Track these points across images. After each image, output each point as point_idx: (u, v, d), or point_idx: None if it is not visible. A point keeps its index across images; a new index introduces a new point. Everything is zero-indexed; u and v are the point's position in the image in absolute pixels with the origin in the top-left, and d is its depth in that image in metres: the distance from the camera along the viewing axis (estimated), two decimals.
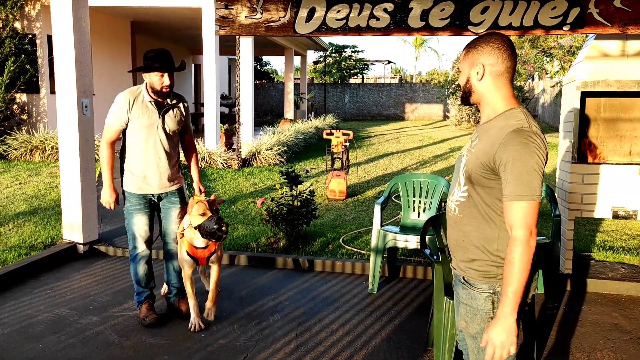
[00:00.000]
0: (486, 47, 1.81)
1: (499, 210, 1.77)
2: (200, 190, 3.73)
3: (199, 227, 3.32)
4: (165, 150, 3.52)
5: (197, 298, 3.56)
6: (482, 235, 1.80)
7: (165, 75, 3.38)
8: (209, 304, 3.58)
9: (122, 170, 3.60)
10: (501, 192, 1.74)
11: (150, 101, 3.46)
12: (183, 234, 3.47)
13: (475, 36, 4.03)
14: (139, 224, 3.57)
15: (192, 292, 3.53)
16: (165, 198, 3.64)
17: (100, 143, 3.53)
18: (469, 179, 1.81)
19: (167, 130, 3.52)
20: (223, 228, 3.26)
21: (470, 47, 1.86)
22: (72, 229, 5.06)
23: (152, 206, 3.63)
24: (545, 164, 1.71)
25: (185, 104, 3.68)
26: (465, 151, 1.89)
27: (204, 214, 3.31)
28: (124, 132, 3.54)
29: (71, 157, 4.95)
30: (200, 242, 3.41)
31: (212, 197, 3.45)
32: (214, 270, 3.58)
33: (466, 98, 1.91)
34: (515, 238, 1.67)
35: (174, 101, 3.58)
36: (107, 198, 3.55)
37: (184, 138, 3.78)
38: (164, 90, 3.42)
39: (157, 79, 3.39)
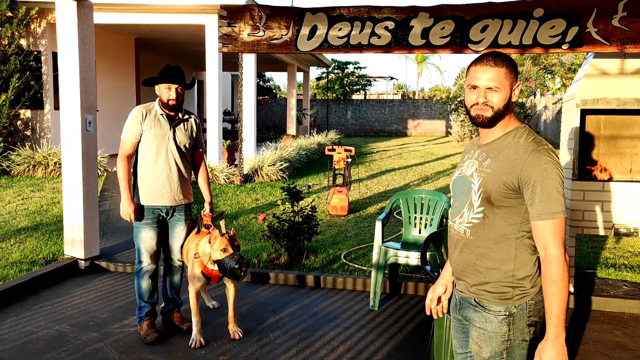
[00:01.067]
0: (515, 68, 1.80)
1: (518, 229, 1.75)
2: (210, 210, 3.74)
3: (218, 262, 3.32)
4: (176, 162, 3.60)
5: (200, 314, 3.56)
6: (498, 256, 1.77)
7: (173, 88, 3.50)
8: (231, 326, 3.61)
9: (134, 185, 3.65)
10: (521, 211, 1.73)
11: (161, 114, 3.58)
12: (198, 255, 3.47)
13: (474, 54, 4.07)
14: (146, 239, 3.60)
15: (197, 309, 3.53)
16: (174, 212, 3.67)
17: (118, 157, 3.59)
18: (488, 199, 1.76)
19: (178, 143, 3.61)
20: (243, 268, 3.26)
21: (510, 63, 1.77)
22: (74, 245, 5.07)
23: (161, 222, 3.66)
24: None
25: (197, 120, 3.77)
26: (474, 171, 1.83)
27: (225, 250, 3.30)
28: (136, 147, 3.62)
29: (74, 172, 4.98)
30: (214, 265, 3.42)
31: (232, 232, 3.43)
32: (231, 290, 3.60)
33: (499, 116, 1.79)
34: (553, 256, 1.67)
35: (185, 116, 3.68)
36: (126, 209, 3.54)
37: (194, 155, 3.82)
38: (170, 102, 3.52)
39: (165, 92, 3.52)
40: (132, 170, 3.63)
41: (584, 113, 4.24)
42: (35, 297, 4.30)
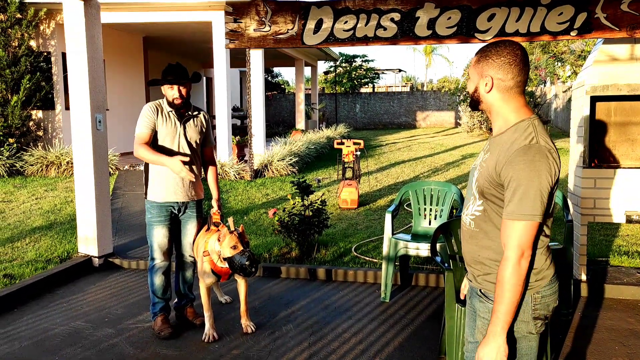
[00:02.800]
0: (497, 60, 1.75)
1: None
2: (219, 207, 3.74)
3: (228, 260, 3.33)
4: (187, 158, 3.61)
5: (212, 309, 3.59)
6: (499, 249, 1.77)
7: (175, 87, 3.51)
8: (243, 320, 3.65)
9: (146, 182, 3.68)
10: None
11: (170, 111, 3.60)
12: (207, 253, 3.49)
13: (482, 44, 4.04)
14: (158, 236, 3.63)
15: (209, 303, 3.56)
16: (186, 209, 3.70)
17: (134, 148, 3.51)
18: (482, 193, 1.79)
19: (189, 139, 3.63)
20: (254, 265, 3.28)
21: (481, 55, 1.80)
22: (88, 243, 5.13)
23: (173, 218, 3.69)
24: (557, 178, 1.68)
25: (206, 117, 3.79)
26: (478, 164, 1.86)
27: (235, 247, 3.30)
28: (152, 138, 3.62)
29: (86, 171, 5.04)
30: (223, 263, 3.44)
31: (240, 229, 3.43)
32: (242, 285, 3.63)
33: (474, 105, 1.88)
34: (507, 258, 1.66)
35: (195, 112, 3.70)
36: (178, 165, 3.37)
37: (204, 151, 3.84)
38: (175, 102, 3.54)
39: (169, 92, 3.54)
40: (143, 169, 3.69)
41: (594, 100, 4.20)
42: (51, 295, 4.37)
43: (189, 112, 3.67)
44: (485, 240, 1.81)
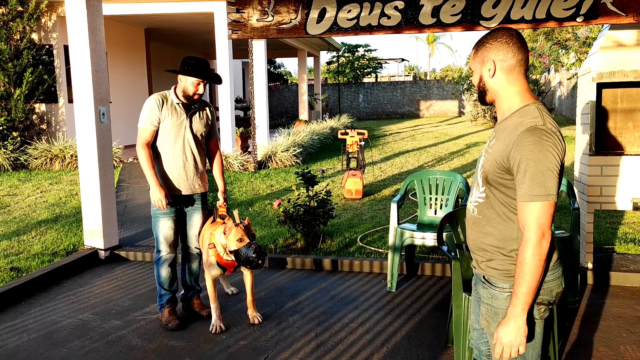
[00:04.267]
0: (494, 42, 1.79)
1: (515, 210, 1.76)
2: (224, 199, 3.73)
3: (235, 253, 3.33)
4: (192, 151, 3.61)
5: (219, 300, 3.60)
6: (501, 236, 1.79)
7: (202, 83, 3.50)
8: (250, 311, 3.66)
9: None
10: (515, 192, 1.73)
11: (178, 103, 3.57)
12: (213, 245, 3.49)
13: (486, 31, 4.01)
14: (163, 228, 3.63)
15: (215, 295, 3.57)
16: (191, 201, 3.69)
17: (137, 147, 3.59)
18: (486, 179, 1.80)
19: (195, 132, 3.62)
20: (261, 257, 3.27)
21: (478, 45, 1.84)
22: (93, 235, 5.14)
23: (178, 211, 3.68)
24: (563, 160, 1.69)
25: (212, 110, 3.77)
26: (484, 151, 1.87)
27: (241, 240, 3.30)
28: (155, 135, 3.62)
29: (90, 164, 5.04)
30: (229, 256, 3.44)
31: (246, 221, 3.44)
32: (248, 276, 3.63)
33: (482, 97, 1.89)
34: (527, 239, 1.66)
35: (201, 105, 3.68)
36: (157, 196, 3.49)
37: (209, 144, 3.83)
38: (195, 97, 3.54)
39: (192, 86, 3.50)
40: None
41: (600, 87, 4.17)
42: (58, 288, 4.39)
43: (195, 105, 3.65)
44: (487, 227, 1.82)
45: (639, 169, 4.12)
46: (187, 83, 3.51)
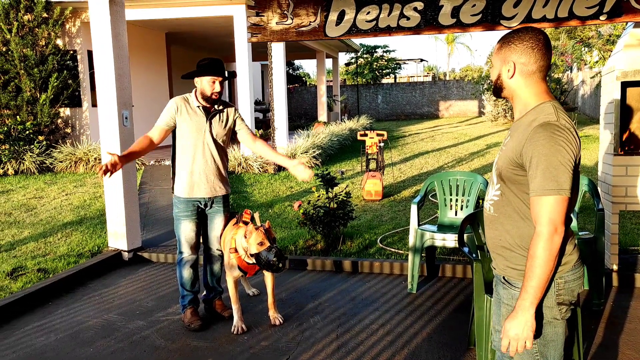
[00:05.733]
0: (519, 45, 1.77)
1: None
2: (304, 165, 3.71)
3: (256, 256, 3.35)
4: (212, 154, 3.62)
5: (240, 302, 3.64)
6: (519, 233, 1.78)
7: (217, 81, 3.52)
8: (271, 312, 3.69)
9: (173, 176, 3.72)
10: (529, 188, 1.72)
11: (198, 106, 3.59)
12: (235, 249, 3.51)
13: (507, 31, 3.98)
14: (185, 230, 3.67)
15: (236, 296, 3.60)
16: (212, 204, 3.71)
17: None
18: (500, 176, 1.80)
19: (214, 135, 3.62)
20: (282, 261, 3.29)
21: (503, 42, 1.82)
22: (117, 237, 5.23)
23: (200, 213, 3.71)
24: (578, 157, 1.67)
25: (234, 110, 3.76)
26: (500, 150, 1.87)
27: (262, 244, 3.32)
28: (174, 137, 3.67)
29: None
30: (250, 259, 3.47)
31: (267, 225, 3.45)
32: (269, 278, 3.66)
33: (497, 92, 1.90)
34: (539, 233, 1.65)
35: (221, 107, 3.68)
36: (105, 159, 3.40)
37: (247, 139, 3.75)
38: (213, 96, 3.55)
39: (208, 85, 3.52)
40: (171, 163, 3.73)
41: (625, 85, 4.10)
42: (84, 288, 4.48)
43: (215, 107, 3.66)
44: (505, 225, 1.81)
45: None
46: (203, 84, 3.53)
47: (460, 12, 4.12)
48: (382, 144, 8.09)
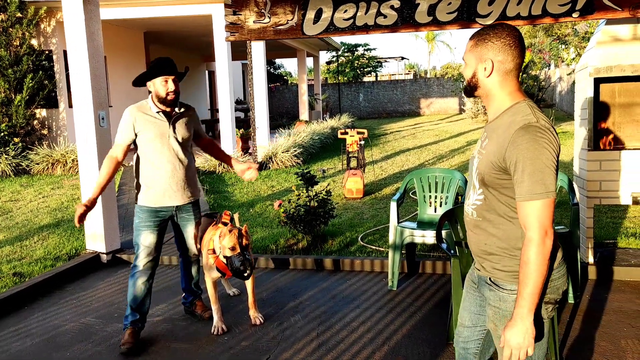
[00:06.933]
0: (497, 42, 1.73)
1: (516, 209, 1.72)
2: (251, 168, 3.56)
3: (227, 259, 3.34)
4: (180, 159, 3.46)
5: (220, 302, 3.61)
6: (506, 236, 1.76)
7: (170, 80, 3.33)
8: (252, 312, 3.67)
9: (137, 186, 3.50)
10: (514, 192, 1.70)
11: (158, 112, 3.42)
12: (213, 250, 3.46)
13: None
14: (146, 241, 3.46)
15: (216, 297, 3.58)
16: (182, 211, 3.56)
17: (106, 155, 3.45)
18: (483, 181, 1.76)
19: (180, 139, 3.47)
20: (248, 271, 3.29)
21: (479, 39, 1.76)
22: (95, 239, 5.16)
23: (163, 223, 3.53)
24: (558, 156, 1.67)
25: (194, 111, 3.65)
26: (476, 152, 1.84)
27: (233, 249, 3.30)
28: (135, 146, 3.48)
29: (90, 168, 5.06)
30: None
31: (244, 228, 3.40)
32: (248, 280, 3.60)
33: (471, 91, 1.84)
34: (530, 239, 1.63)
35: (182, 109, 3.52)
36: (79, 210, 3.21)
37: (201, 143, 3.74)
38: (169, 97, 3.35)
39: (162, 86, 3.34)
40: (134, 172, 3.51)
41: (598, 82, 4.17)
42: (61, 292, 4.41)
43: (176, 110, 3.47)
44: (489, 229, 1.79)
45: (638, 163, 4.12)
46: (157, 86, 3.35)
47: (437, 10, 4.14)
48: (362, 142, 8.11)
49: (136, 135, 3.41)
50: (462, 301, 2.05)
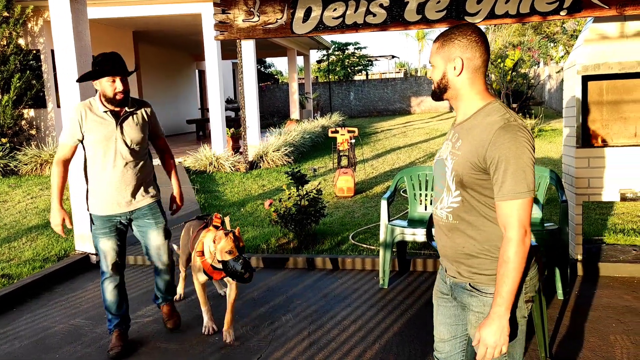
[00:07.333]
0: (463, 39, 1.73)
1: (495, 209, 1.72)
2: (177, 205, 3.49)
3: (223, 263, 3.20)
4: (127, 163, 3.21)
5: (209, 302, 3.60)
6: (486, 237, 1.74)
7: (117, 79, 3.07)
8: (226, 327, 3.39)
9: (86, 191, 3.31)
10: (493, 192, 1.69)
11: (105, 112, 3.15)
12: (201, 253, 3.34)
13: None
14: (104, 249, 3.29)
15: (204, 298, 3.52)
16: (138, 217, 3.34)
17: (53, 161, 3.20)
18: (461, 183, 1.73)
19: (128, 141, 3.19)
20: (248, 273, 3.13)
21: (444, 39, 1.76)
22: (84, 240, 5.12)
23: (120, 227, 3.33)
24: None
25: (149, 108, 3.37)
26: (448, 154, 1.80)
27: (230, 252, 3.15)
28: (83, 147, 3.26)
29: (79, 168, 5.01)
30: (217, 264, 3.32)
31: (237, 231, 3.26)
32: (233, 289, 3.43)
33: (440, 94, 1.82)
34: (510, 238, 1.63)
35: (133, 108, 3.26)
36: (54, 221, 3.15)
37: (156, 144, 3.52)
38: (117, 97, 3.10)
39: (108, 85, 3.07)
40: (84, 177, 3.33)
41: (586, 79, 4.20)
42: (50, 293, 4.37)
43: (127, 109, 3.21)
44: (469, 231, 1.76)
45: (626, 159, 4.16)
46: (103, 85, 3.09)
47: (426, 9, 4.15)
48: (353, 141, 8.12)
49: (83, 136, 3.18)
50: (435, 316, 1.99)
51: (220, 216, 3.52)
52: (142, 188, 3.32)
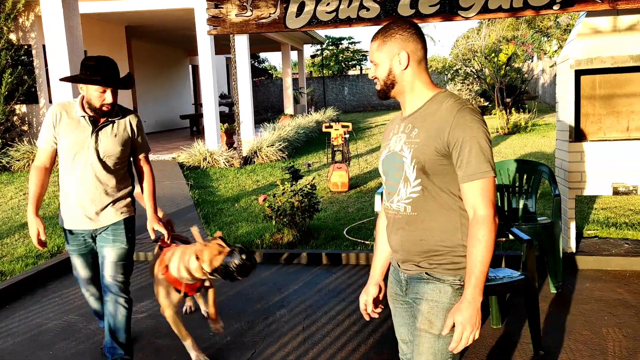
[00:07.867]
0: (403, 33, 1.74)
1: (457, 196, 1.71)
2: (167, 226, 3.13)
3: (221, 269, 2.81)
4: (97, 176, 2.84)
5: (190, 335, 3.09)
6: (444, 228, 1.72)
7: (109, 91, 2.75)
8: (212, 322, 3.19)
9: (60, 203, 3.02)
10: (457, 179, 1.69)
11: (83, 116, 2.82)
12: (166, 269, 2.96)
13: (464, 21, 4.00)
14: (77, 265, 3.06)
15: (183, 331, 3.06)
16: (101, 235, 2.93)
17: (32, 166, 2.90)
18: (423, 170, 1.71)
19: (101, 153, 2.83)
20: (251, 260, 2.79)
21: (384, 36, 1.76)
22: None
23: (90, 244, 3.01)
24: None
25: (135, 119, 2.97)
26: (403, 144, 1.76)
27: (220, 252, 2.81)
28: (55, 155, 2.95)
29: None
30: (190, 279, 2.96)
31: (217, 234, 2.96)
32: (210, 291, 3.20)
33: (387, 92, 1.81)
34: (482, 216, 1.63)
35: (117, 117, 2.90)
36: (30, 232, 2.80)
37: (135, 161, 3.07)
38: (104, 108, 2.78)
39: (96, 95, 2.75)
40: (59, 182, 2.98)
41: (579, 74, 4.21)
42: (43, 290, 4.35)
43: (109, 118, 2.85)
44: (427, 222, 1.73)
45: (618, 153, 4.18)
46: (90, 92, 2.74)
47: (419, 3, 4.14)
48: (347, 136, 8.12)
49: (56, 139, 2.86)
50: (393, 318, 1.97)
51: (168, 239, 3.12)
52: (111, 205, 2.92)
